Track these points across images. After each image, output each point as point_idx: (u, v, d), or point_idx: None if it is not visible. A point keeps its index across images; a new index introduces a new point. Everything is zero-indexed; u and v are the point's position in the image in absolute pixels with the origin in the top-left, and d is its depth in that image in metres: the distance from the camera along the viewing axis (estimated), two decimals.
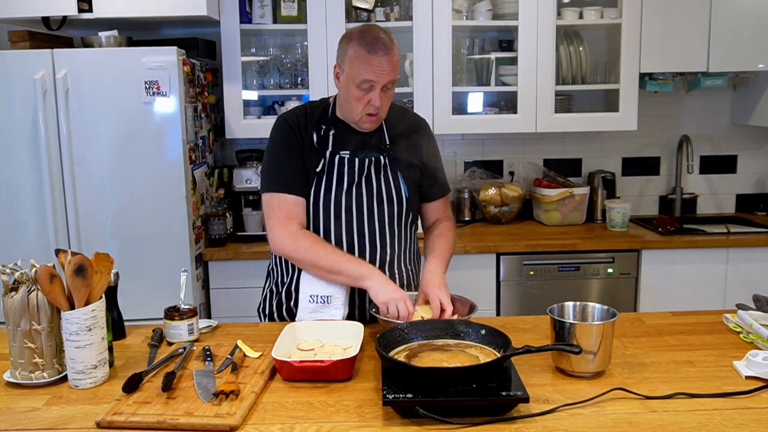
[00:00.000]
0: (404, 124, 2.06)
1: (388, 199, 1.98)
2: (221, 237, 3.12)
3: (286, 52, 3.39)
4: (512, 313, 3.14)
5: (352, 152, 1.97)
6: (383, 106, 1.90)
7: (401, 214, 2.01)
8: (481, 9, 3.29)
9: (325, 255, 1.88)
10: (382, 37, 1.84)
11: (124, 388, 1.46)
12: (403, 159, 2.01)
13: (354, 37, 1.86)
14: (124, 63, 2.75)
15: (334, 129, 1.98)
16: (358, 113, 1.90)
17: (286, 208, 1.93)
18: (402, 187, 2.00)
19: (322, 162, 1.95)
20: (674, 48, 3.25)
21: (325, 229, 1.96)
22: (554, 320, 1.56)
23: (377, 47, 1.82)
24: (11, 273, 1.55)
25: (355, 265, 1.87)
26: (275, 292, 2.09)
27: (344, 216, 1.96)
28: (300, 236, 1.90)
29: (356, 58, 1.83)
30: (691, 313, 1.99)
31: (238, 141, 3.56)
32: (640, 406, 1.40)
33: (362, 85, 1.84)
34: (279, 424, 1.35)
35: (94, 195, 2.82)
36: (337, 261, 1.87)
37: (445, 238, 2.09)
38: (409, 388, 1.36)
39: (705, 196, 3.79)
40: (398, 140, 2.02)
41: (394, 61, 1.85)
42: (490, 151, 3.71)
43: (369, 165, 1.96)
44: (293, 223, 1.92)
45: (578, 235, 3.29)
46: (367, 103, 1.87)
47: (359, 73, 1.83)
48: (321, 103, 2.04)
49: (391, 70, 1.84)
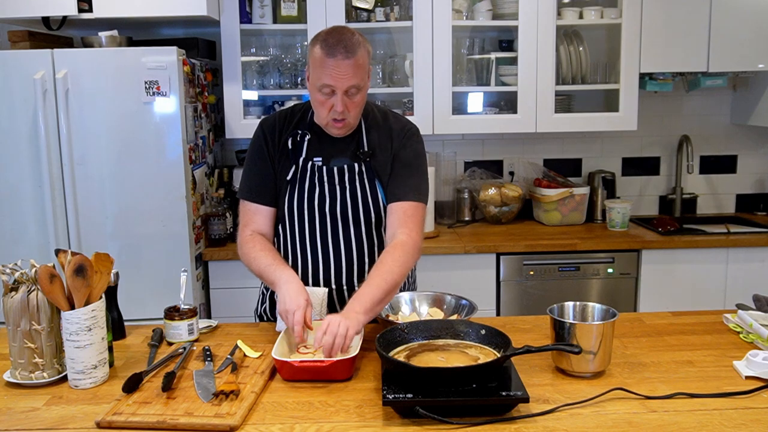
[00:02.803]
0: (385, 130, 1.94)
1: (364, 207, 1.92)
2: (221, 237, 3.12)
3: (286, 52, 3.39)
4: (512, 313, 3.14)
5: (326, 159, 1.91)
6: (350, 112, 1.82)
7: (377, 223, 1.94)
8: (481, 9, 3.29)
9: (254, 259, 1.84)
10: (345, 39, 1.75)
11: (124, 388, 1.47)
12: (381, 167, 1.92)
13: (319, 38, 1.78)
14: (124, 63, 2.75)
15: (310, 134, 1.92)
16: (324, 118, 1.84)
17: (246, 216, 1.95)
18: (379, 194, 1.92)
19: (294, 169, 1.91)
20: (674, 48, 3.25)
21: (300, 236, 1.94)
22: (554, 320, 1.56)
23: (337, 50, 1.73)
24: (11, 273, 1.55)
25: (272, 269, 1.79)
26: (266, 295, 2.09)
27: (319, 224, 1.92)
28: (244, 242, 1.90)
29: (316, 61, 1.76)
30: (691, 313, 1.99)
31: (238, 141, 3.55)
32: (640, 406, 1.40)
33: (323, 89, 1.77)
34: (279, 424, 1.35)
35: (94, 195, 2.82)
36: (260, 265, 1.83)
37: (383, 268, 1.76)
38: (409, 388, 1.36)
39: (705, 196, 3.79)
40: (377, 148, 1.92)
41: (357, 64, 1.75)
42: (490, 151, 3.71)
43: (341, 173, 1.90)
44: (247, 229, 1.93)
45: (578, 235, 3.29)
46: (331, 108, 1.79)
47: (319, 77, 1.76)
48: (303, 106, 1.98)
49: (352, 74, 1.75)
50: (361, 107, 1.88)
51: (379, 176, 1.93)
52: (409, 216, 1.87)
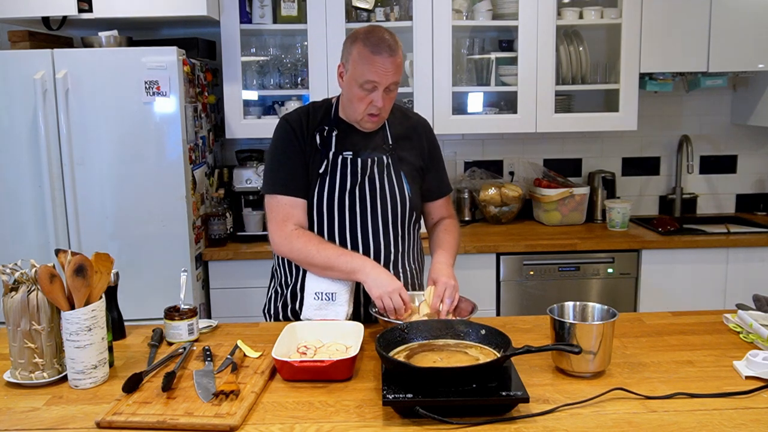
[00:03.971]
0: (406, 124, 2.07)
1: (392, 199, 1.99)
2: (221, 237, 3.12)
3: (286, 52, 3.39)
4: (512, 313, 3.14)
5: (355, 153, 1.97)
6: (385, 107, 1.91)
7: (404, 214, 2.02)
8: (481, 9, 3.29)
9: (317, 252, 1.88)
10: (387, 38, 1.85)
11: (124, 388, 1.46)
12: (405, 159, 2.03)
13: (359, 37, 1.87)
14: (124, 63, 2.75)
15: (337, 130, 1.98)
16: (360, 113, 1.91)
17: (282, 210, 1.95)
18: (405, 187, 2.01)
19: (325, 163, 1.96)
20: (674, 48, 3.25)
21: (329, 229, 1.97)
22: (554, 320, 1.56)
23: (382, 48, 1.83)
24: (11, 273, 1.55)
25: (347, 258, 1.88)
26: (280, 293, 2.09)
27: (348, 216, 1.96)
28: (294, 236, 1.91)
29: (360, 58, 1.84)
30: (691, 313, 1.99)
31: (238, 141, 3.56)
32: (640, 406, 1.40)
33: (365, 85, 1.86)
34: (279, 424, 1.35)
35: (94, 195, 2.82)
36: (329, 257, 1.88)
37: (451, 233, 2.10)
38: (409, 388, 1.36)
39: (705, 196, 3.79)
40: (401, 140, 2.03)
41: (398, 62, 1.86)
42: (490, 151, 3.71)
43: (372, 165, 1.97)
44: (289, 224, 1.93)
45: (578, 235, 3.29)
46: (370, 103, 1.88)
47: (363, 74, 1.84)
48: (323, 103, 2.05)
49: (394, 71, 1.85)
50: (392, 103, 1.97)
51: (403, 169, 2.01)
52: (449, 203, 2.21)
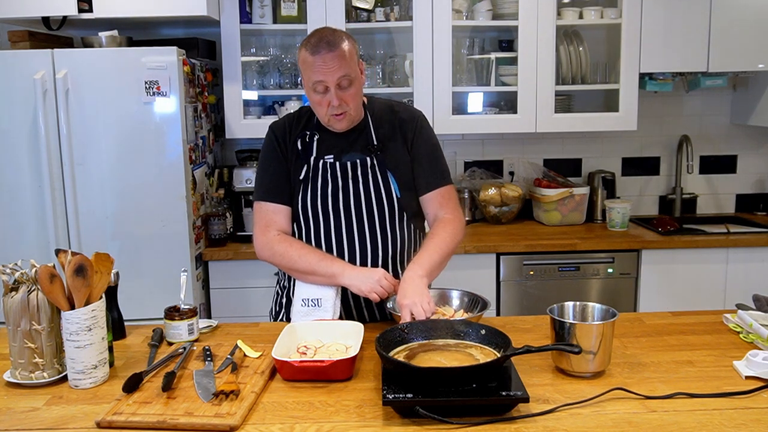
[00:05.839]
0: (392, 121, 2.00)
1: (378, 201, 1.96)
2: (221, 237, 3.13)
3: (286, 52, 3.39)
4: (512, 313, 3.14)
5: (337, 156, 1.96)
6: (347, 104, 1.86)
7: (393, 215, 1.98)
8: (481, 9, 3.29)
9: (298, 258, 1.89)
10: (326, 35, 1.82)
11: (124, 388, 1.46)
12: (393, 158, 1.97)
13: (303, 42, 1.86)
14: (124, 63, 2.75)
15: (319, 134, 1.97)
16: (324, 115, 1.89)
17: (265, 217, 1.96)
18: (392, 186, 1.97)
19: (306, 168, 1.95)
20: (674, 48, 3.25)
21: (315, 234, 1.97)
22: (554, 320, 1.56)
23: (320, 47, 1.79)
24: (11, 273, 1.55)
25: (327, 263, 1.87)
26: (281, 294, 2.11)
27: (333, 220, 1.95)
28: (275, 242, 1.92)
29: (304, 62, 1.84)
30: (691, 313, 1.99)
31: (238, 141, 3.56)
32: (640, 406, 1.40)
33: (317, 87, 1.83)
34: (279, 424, 1.35)
35: (94, 195, 2.82)
36: (309, 262, 1.88)
37: (437, 236, 1.94)
38: (409, 388, 1.36)
39: (705, 196, 3.79)
40: (386, 139, 1.98)
41: (342, 55, 1.80)
42: (490, 151, 3.71)
43: (354, 168, 1.95)
44: (271, 230, 1.94)
45: (578, 235, 3.29)
46: (329, 104, 1.85)
47: (310, 77, 1.83)
48: (310, 109, 2.02)
49: (339, 66, 1.80)
50: (359, 98, 1.92)
51: (391, 169, 1.97)
52: (447, 199, 2.01)
